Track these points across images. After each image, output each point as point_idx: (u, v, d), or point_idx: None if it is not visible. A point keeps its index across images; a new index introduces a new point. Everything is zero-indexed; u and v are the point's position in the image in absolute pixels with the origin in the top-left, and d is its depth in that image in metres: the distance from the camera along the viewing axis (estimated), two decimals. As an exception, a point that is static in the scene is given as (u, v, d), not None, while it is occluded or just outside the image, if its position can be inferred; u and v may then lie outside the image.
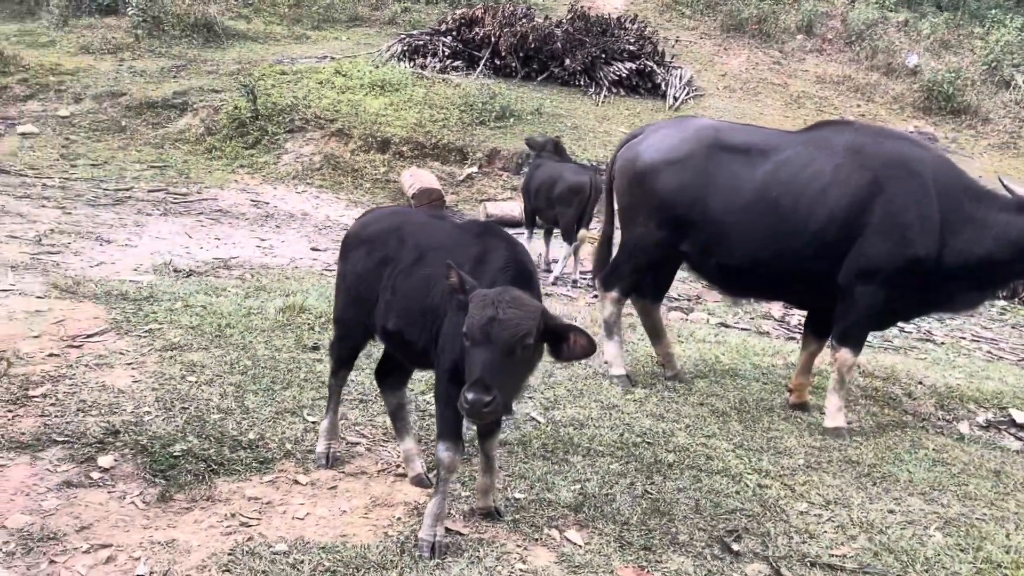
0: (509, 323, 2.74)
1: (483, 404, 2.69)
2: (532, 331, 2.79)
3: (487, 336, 2.74)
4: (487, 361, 2.74)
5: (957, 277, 4.82)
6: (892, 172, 4.79)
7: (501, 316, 2.74)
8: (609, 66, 17.13)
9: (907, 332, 9.06)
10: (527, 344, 2.79)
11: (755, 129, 5.30)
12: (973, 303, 5.18)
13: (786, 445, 4.81)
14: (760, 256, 4.97)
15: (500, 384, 2.75)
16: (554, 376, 5.38)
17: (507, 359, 2.77)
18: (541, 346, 2.90)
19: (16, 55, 15.23)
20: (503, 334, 2.73)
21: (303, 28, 19.62)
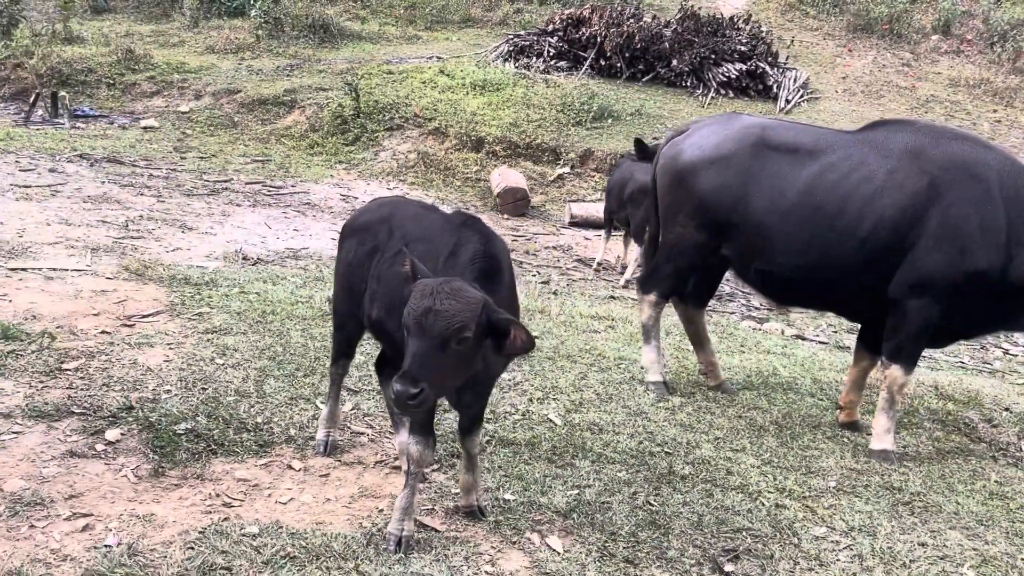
0: (444, 314, 2.66)
1: (408, 396, 2.63)
2: (468, 324, 2.70)
3: (421, 327, 2.67)
4: (418, 352, 2.68)
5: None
6: (952, 176, 4.40)
7: (437, 307, 2.67)
8: (718, 67, 16.65)
9: (1013, 354, 8.36)
10: (463, 337, 2.70)
11: (806, 128, 4.98)
12: None
13: (821, 465, 4.50)
14: (802, 263, 4.67)
15: (431, 377, 2.67)
16: (586, 379, 5.25)
17: (440, 352, 2.69)
18: (484, 341, 2.80)
19: (146, 54, 16.25)
20: (437, 325, 2.66)
21: (416, 29, 20.04)
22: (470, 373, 2.89)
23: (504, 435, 4.32)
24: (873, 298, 4.66)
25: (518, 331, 2.79)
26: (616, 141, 13.69)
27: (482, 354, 2.85)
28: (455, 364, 2.75)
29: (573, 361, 5.55)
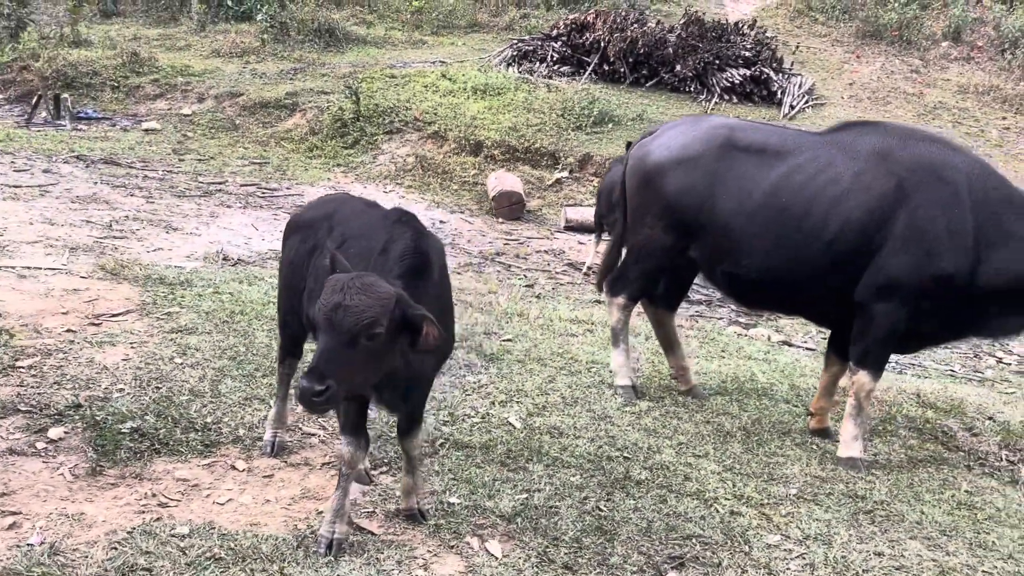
0: (353, 310, 2.60)
1: (312, 393, 2.57)
2: (378, 320, 2.63)
3: (330, 323, 2.62)
4: (326, 348, 2.62)
5: (994, 298, 4.28)
6: (920, 178, 4.31)
7: (346, 302, 2.61)
8: (722, 72, 16.54)
9: (1006, 363, 8.21)
10: (374, 333, 2.64)
11: (774, 129, 4.90)
12: (1014, 328, 4.57)
13: (784, 472, 4.41)
14: (768, 265, 4.59)
15: (338, 374, 2.61)
16: (554, 382, 5.18)
17: (349, 348, 2.63)
18: (399, 337, 2.73)
19: (151, 57, 16.33)
20: (346, 321, 2.60)
21: (422, 34, 20.05)
22: (385, 370, 2.82)
23: (459, 438, 4.26)
24: (841, 302, 4.57)
25: (430, 327, 2.72)
26: (616, 146, 13.59)
27: (400, 351, 2.78)
28: (366, 361, 2.68)
29: (543, 364, 5.48)
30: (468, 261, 8.96)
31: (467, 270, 8.49)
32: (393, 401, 3.20)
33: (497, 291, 7.45)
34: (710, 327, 7.58)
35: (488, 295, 7.19)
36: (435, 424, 4.35)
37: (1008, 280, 4.20)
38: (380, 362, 2.75)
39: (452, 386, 4.88)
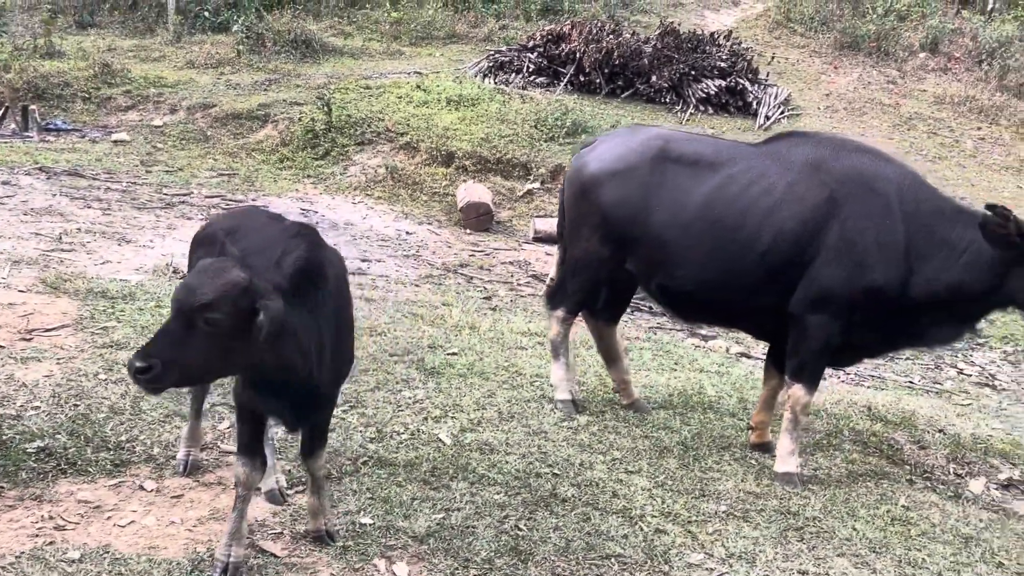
0: (192, 289, 2.52)
1: (134, 370, 2.48)
2: (215, 303, 2.51)
3: (174, 302, 2.54)
4: (163, 328, 2.54)
5: (928, 308, 4.23)
6: (851, 189, 4.27)
7: (190, 282, 2.54)
8: (698, 83, 16.56)
9: (967, 374, 8.18)
10: (211, 317, 2.52)
11: (709, 140, 4.86)
12: (948, 338, 4.53)
13: (717, 488, 4.34)
14: (703, 278, 4.53)
15: (167, 354, 2.51)
16: (493, 397, 5.10)
17: (185, 329, 2.52)
18: (248, 326, 2.58)
19: (123, 68, 16.23)
20: (184, 300, 2.51)
21: (400, 45, 20.01)
22: (235, 364, 2.68)
23: (384, 456, 4.17)
24: (777, 314, 4.51)
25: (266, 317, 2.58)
26: (588, 157, 13.58)
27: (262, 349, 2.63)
28: (203, 347, 2.54)
29: (486, 378, 5.40)
30: (429, 273, 8.89)
31: (426, 282, 8.41)
32: (288, 418, 3.11)
33: (452, 303, 7.37)
34: (668, 339, 7.51)
35: (441, 308, 7.11)
36: (361, 442, 4.27)
37: (939, 290, 4.15)
38: (222, 352, 2.59)
39: (386, 402, 4.79)
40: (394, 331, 6.05)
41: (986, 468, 5.52)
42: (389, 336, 5.89)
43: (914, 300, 4.20)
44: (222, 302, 2.51)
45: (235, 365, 2.74)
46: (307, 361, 2.79)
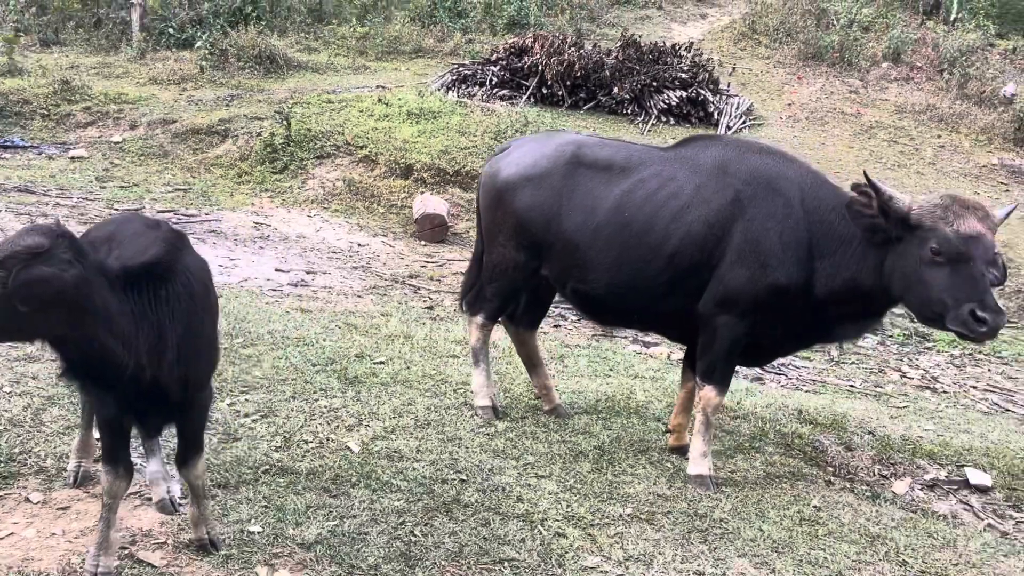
0: None
1: None
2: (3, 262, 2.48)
3: None
4: None
5: (831, 305, 4.24)
6: (754, 190, 4.29)
7: None
8: (659, 94, 16.65)
9: (909, 377, 8.22)
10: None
11: (622, 144, 4.88)
12: (854, 334, 4.54)
13: (627, 492, 4.32)
14: (614, 282, 4.54)
15: None
16: (413, 404, 5.07)
17: None
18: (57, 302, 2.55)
19: (84, 85, 16.15)
20: None
21: (366, 60, 20.05)
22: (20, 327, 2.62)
23: (288, 464, 4.13)
24: (688, 317, 4.52)
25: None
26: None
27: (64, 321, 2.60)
28: None
29: (408, 387, 5.37)
30: (375, 284, 8.86)
31: (371, 293, 8.38)
32: (137, 422, 3.07)
33: (391, 314, 7.34)
34: (608, 346, 7.52)
35: (379, 318, 7.09)
36: (266, 450, 4.23)
37: (838, 286, 4.16)
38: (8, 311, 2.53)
39: (299, 411, 4.76)
40: (322, 341, 6.01)
41: (912, 469, 5.54)
42: (316, 346, 5.86)
43: (818, 298, 4.22)
44: (9, 261, 2.48)
45: (23, 331, 2.68)
46: (129, 352, 2.74)
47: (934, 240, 3.85)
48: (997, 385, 8.18)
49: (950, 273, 3.83)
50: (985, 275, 3.84)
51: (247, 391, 4.91)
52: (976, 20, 23.52)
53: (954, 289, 3.82)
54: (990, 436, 6.29)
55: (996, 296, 3.95)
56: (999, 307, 3.82)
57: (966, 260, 3.81)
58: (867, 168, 15.91)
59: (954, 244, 3.82)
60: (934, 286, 3.87)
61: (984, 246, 3.85)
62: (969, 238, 3.81)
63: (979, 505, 5.16)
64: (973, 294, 3.78)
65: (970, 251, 3.81)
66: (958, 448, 5.89)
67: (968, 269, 3.81)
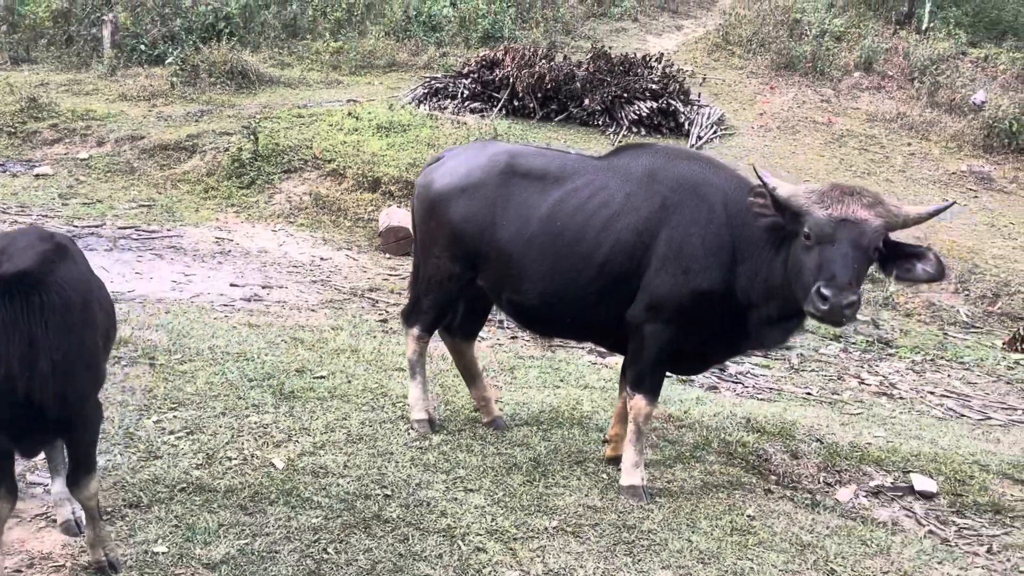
0: None
1: None
2: None
3: None
4: None
5: (753, 309, 4.19)
6: (680, 197, 4.26)
7: None
8: (630, 105, 16.67)
9: (867, 384, 8.20)
10: None
11: (557, 154, 4.84)
12: (779, 338, 4.46)
13: (556, 504, 4.26)
14: (547, 292, 4.49)
15: None
16: (347, 419, 4.99)
17: None
18: None
19: (51, 102, 16.06)
20: None
21: (340, 74, 20.02)
22: None
23: (207, 482, 4.05)
24: (621, 326, 4.47)
25: None
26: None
27: None
28: None
29: (346, 401, 5.30)
30: (332, 298, 8.78)
31: (326, 307, 8.31)
32: (23, 445, 3.00)
33: (342, 327, 7.27)
34: (563, 357, 7.46)
35: (328, 332, 7.01)
36: (186, 468, 4.15)
37: (759, 289, 4.11)
38: None
39: (228, 427, 4.68)
40: (264, 356, 5.94)
41: (858, 476, 5.50)
42: (256, 361, 5.78)
43: (741, 302, 4.17)
44: None
45: None
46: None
47: (807, 224, 3.76)
48: (955, 391, 8.17)
49: (816, 255, 3.70)
50: (850, 256, 3.65)
51: (176, 408, 4.83)
52: (947, 29, 23.72)
53: (813, 270, 3.69)
54: (940, 442, 6.26)
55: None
56: (850, 286, 3.59)
57: (831, 242, 3.66)
58: (837, 176, 15.99)
59: (821, 226, 3.68)
60: (803, 270, 3.78)
61: (860, 230, 3.67)
62: (840, 221, 3.67)
63: (922, 511, 5.12)
64: (825, 272, 3.62)
65: (837, 233, 3.66)
66: (906, 454, 5.85)
67: (831, 251, 3.66)
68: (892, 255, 3.85)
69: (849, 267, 3.58)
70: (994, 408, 7.70)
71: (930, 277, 3.84)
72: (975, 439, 6.52)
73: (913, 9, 28.50)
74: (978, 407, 7.65)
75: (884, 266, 3.87)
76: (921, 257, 3.84)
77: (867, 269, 3.80)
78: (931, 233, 13.17)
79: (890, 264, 3.85)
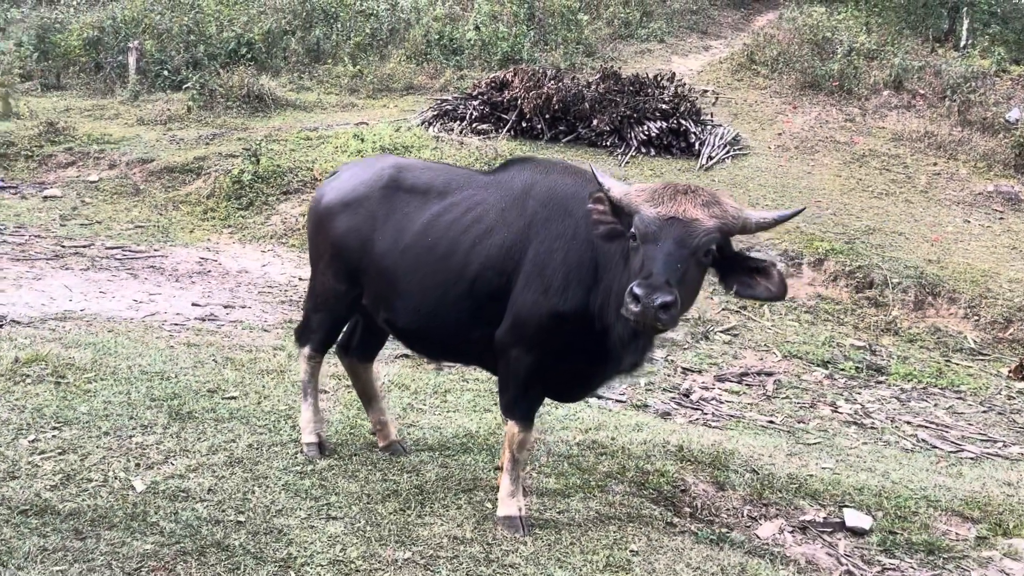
0: None
1: None
2: None
3: None
4: None
5: (610, 329, 3.86)
6: (548, 213, 4.03)
7: None
8: (640, 125, 16.43)
9: (840, 411, 7.78)
10: None
11: (446, 168, 4.64)
12: (638, 357, 4.04)
13: (420, 534, 4.03)
14: (421, 309, 4.30)
15: None
16: (235, 441, 4.84)
17: None
18: None
19: (69, 127, 16.47)
20: None
21: (357, 98, 20.19)
22: None
23: (53, 504, 3.93)
24: (497, 348, 4.24)
25: None
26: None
27: None
28: None
29: (244, 423, 5.16)
30: (293, 318, 8.68)
31: (282, 327, 8.21)
32: None
33: (285, 347, 7.15)
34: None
35: (266, 352, 6.90)
36: (38, 490, 4.03)
37: (612, 306, 3.78)
38: None
39: (105, 448, 4.56)
40: (183, 376, 5.84)
41: (788, 510, 5.18)
42: (171, 381, 5.69)
43: (604, 323, 3.89)
44: None
45: None
46: None
47: (634, 224, 3.48)
48: (935, 421, 7.70)
49: (639, 256, 3.40)
50: (673, 256, 3.32)
51: (60, 427, 4.73)
52: (986, 46, 22.99)
53: (635, 272, 3.38)
54: (893, 475, 5.87)
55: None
56: (667, 285, 3.23)
57: (655, 241, 3.35)
58: (851, 197, 15.44)
59: (647, 224, 3.38)
60: (628, 275, 3.49)
61: (688, 230, 3.37)
62: (668, 219, 3.38)
63: (846, 549, 4.77)
64: (644, 272, 3.30)
65: (663, 232, 3.36)
66: (849, 487, 5.49)
67: (653, 250, 3.35)
68: (734, 267, 3.56)
69: (669, 266, 3.27)
70: (972, 440, 7.22)
71: (771, 296, 3.53)
72: (935, 472, 6.10)
73: (954, 26, 27.77)
74: (954, 439, 7.19)
75: (724, 278, 3.58)
76: (764, 273, 3.54)
77: (699, 274, 3.49)
78: (944, 255, 12.64)
79: (731, 277, 3.56)
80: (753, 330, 10.32)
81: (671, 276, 3.25)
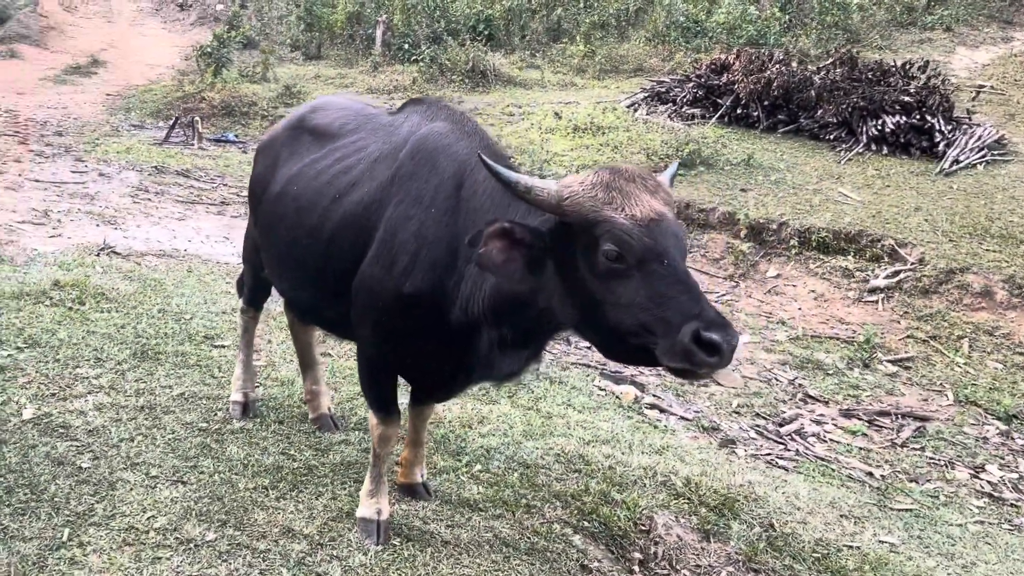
0: None
1: None
2: None
3: None
4: None
5: (481, 326, 3.06)
6: (413, 168, 3.23)
7: None
8: (875, 119, 14.33)
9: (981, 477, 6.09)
10: None
11: (359, 109, 3.92)
12: (515, 367, 3.18)
13: (255, 519, 3.52)
14: (282, 274, 3.80)
15: None
16: (171, 389, 4.63)
17: None
18: None
19: (304, 91, 17.70)
20: None
21: (582, 78, 19.76)
22: None
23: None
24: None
25: None
26: (695, 190, 12.30)
27: None
28: None
29: (201, 370, 4.96)
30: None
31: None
32: None
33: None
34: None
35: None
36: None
37: (488, 301, 2.98)
38: None
39: (41, 374, 4.55)
40: (197, 319, 5.81)
41: None
42: (180, 323, 5.66)
43: (465, 318, 3.09)
44: None
45: None
46: None
47: (608, 240, 2.58)
48: None
49: (642, 283, 2.52)
50: (689, 275, 2.54)
51: (21, 348, 4.82)
52: None
53: (659, 307, 2.49)
54: (977, 569, 4.38)
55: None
56: (724, 318, 2.45)
57: (658, 259, 2.52)
58: None
59: (637, 239, 2.53)
60: (628, 307, 2.53)
61: (673, 232, 2.58)
62: (655, 225, 2.55)
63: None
64: (689, 308, 2.46)
65: (660, 243, 2.53)
66: (895, 569, 4.16)
67: (665, 271, 2.51)
68: None
69: (700, 292, 2.51)
70: None
71: None
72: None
73: None
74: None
75: None
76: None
77: None
78: None
79: None
80: (935, 365, 8.49)
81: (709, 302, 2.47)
